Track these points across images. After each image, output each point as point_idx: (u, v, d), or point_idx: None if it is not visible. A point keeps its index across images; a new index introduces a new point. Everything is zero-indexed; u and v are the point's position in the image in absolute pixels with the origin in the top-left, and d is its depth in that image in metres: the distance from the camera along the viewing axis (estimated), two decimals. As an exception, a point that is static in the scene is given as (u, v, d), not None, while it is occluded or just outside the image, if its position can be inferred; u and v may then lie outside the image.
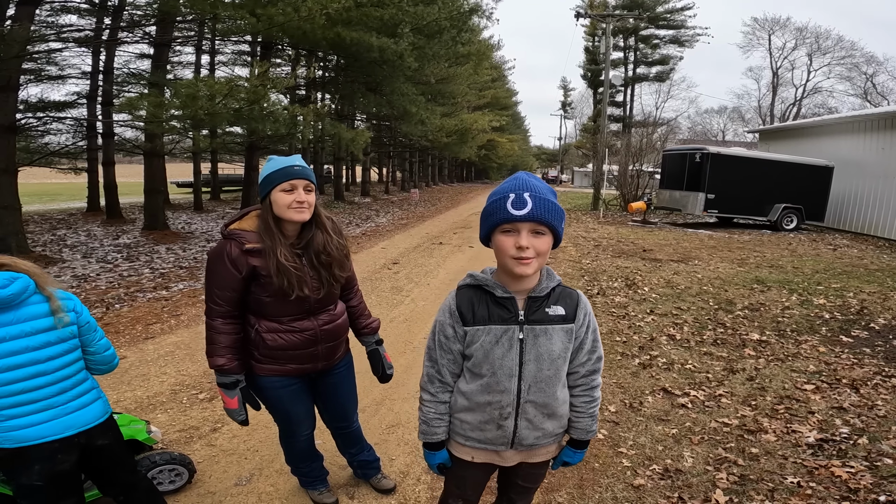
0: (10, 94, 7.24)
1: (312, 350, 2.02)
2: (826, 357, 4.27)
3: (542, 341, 1.40)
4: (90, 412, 1.73)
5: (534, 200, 1.30)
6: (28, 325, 1.60)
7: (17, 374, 1.56)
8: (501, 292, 1.40)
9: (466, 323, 1.42)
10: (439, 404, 1.51)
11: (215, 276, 1.87)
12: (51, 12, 11.19)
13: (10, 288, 1.56)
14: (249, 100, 7.91)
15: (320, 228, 1.98)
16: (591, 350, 1.48)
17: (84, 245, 9.03)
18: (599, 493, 2.48)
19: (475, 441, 1.50)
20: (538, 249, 1.32)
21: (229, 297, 1.88)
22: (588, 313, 1.47)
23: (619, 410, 3.32)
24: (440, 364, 1.48)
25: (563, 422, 1.51)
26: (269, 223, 1.87)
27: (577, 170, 50.21)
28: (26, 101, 10.85)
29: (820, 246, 11.24)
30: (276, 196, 1.84)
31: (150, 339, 4.54)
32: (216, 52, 17.07)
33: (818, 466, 2.66)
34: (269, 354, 1.96)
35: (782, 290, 6.64)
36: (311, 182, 1.89)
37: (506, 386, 1.41)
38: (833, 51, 41.25)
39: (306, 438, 2.20)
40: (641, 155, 18.62)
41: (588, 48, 39.98)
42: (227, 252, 1.85)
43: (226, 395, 1.92)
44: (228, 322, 1.91)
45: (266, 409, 2.08)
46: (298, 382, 2.08)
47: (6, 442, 1.57)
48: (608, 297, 6.22)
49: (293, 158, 1.90)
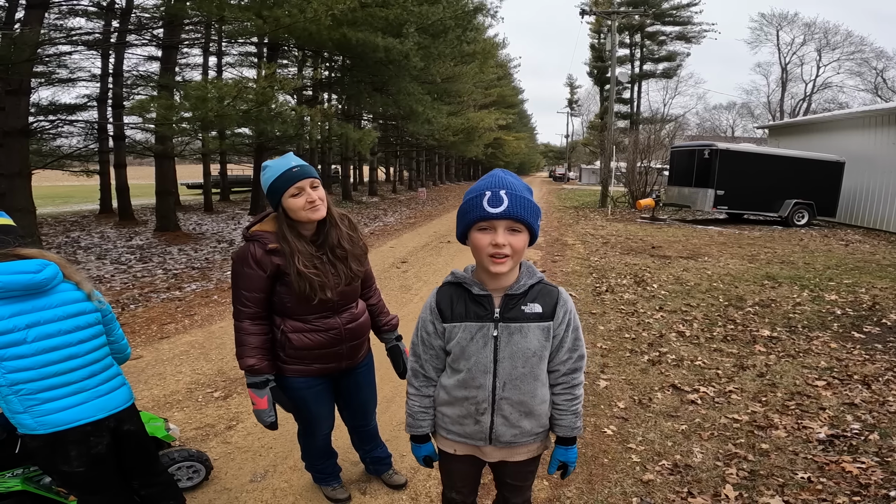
0: (22, 97, 7.32)
1: (337, 349, 2.05)
2: (837, 353, 4.25)
3: (517, 339, 1.40)
4: (119, 396, 1.80)
5: (510, 198, 1.30)
6: (60, 309, 1.67)
7: (51, 357, 1.63)
8: (478, 290, 1.42)
9: (445, 319, 1.45)
10: (423, 398, 1.55)
11: (242, 278, 1.90)
12: (59, 15, 11.30)
13: (44, 273, 1.63)
14: (258, 101, 7.99)
15: (333, 223, 2.01)
16: (572, 348, 1.47)
17: (98, 247, 9.16)
18: (609, 488, 2.50)
19: (455, 435, 1.53)
20: (514, 247, 1.33)
21: (257, 298, 1.91)
22: (568, 311, 1.45)
23: (628, 407, 3.33)
24: (423, 359, 1.53)
25: (542, 421, 1.50)
26: (285, 230, 1.89)
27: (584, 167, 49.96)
28: (38, 105, 10.99)
29: (832, 241, 11.14)
30: (288, 203, 1.86)
31: (166, 339, 4.62)
32: (223, 53, 17.18)
33: (829, 462, 2.66)
34: (295, 355, 1.99)
35: (793, 286, 6.60)
36: (314, 178, 1.90)
37: (481, 382, 1.43)
38: (842, 46, 40.87)
39: (325, 437, 2.25)
40: (649, 152, 18.52)
41: (594, 45, 39.76)
42: (252, 253, 1.88)
43: (256, 395, 1.94)
44: (257, 323, 1.94)
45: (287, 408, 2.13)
46: (322, 383, 2.12)
47: (41, 427, 1.61)
48: (617, 294, 6.22)
49: (287, 159, 1.89)
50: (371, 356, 2.31)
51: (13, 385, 1.57)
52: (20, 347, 1.57)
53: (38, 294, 1.63)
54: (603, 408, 3.32)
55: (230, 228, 12.19)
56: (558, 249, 9.67)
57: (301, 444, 2.32)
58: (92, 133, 12.45)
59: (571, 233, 12.19)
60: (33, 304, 1.62)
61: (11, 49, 6.43)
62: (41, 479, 1.91)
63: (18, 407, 1.59)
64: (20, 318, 1.59)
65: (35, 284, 1.61)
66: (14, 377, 1.57)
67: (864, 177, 13.49)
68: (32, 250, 1.67)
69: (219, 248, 9.53)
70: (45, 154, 11.44)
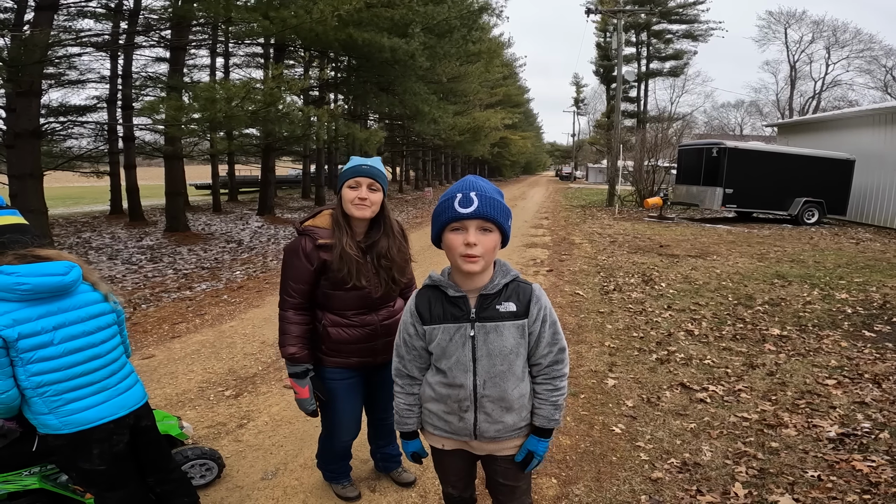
0: (33, 99, 7.37)
1: (372, 344, 2.11)
2: (848, 352, 4.23)
3: (493, 338, 1.44)
4: (136, 393, 1.84)
5: (480, 199, 1.35)
6: (83, 310, 1.71)
7: (77, 358, 1.66)
8: (453, 291, 1.46)
9: (425, 322, 1.49)
10: (408, 395, 1.59)
11: (291, 269, 2.00)
12: (68, 17, 11.39)
13: (71, 274, 1.66)
14: (265, 102, 8.03)
15: (387, 233, 2.07)
16: (551, 342, 1.49)
17: (109, 247, 9.25)
18: (617, 486, 2.50)
19: (442, 430, 1.57)
20: (485, 246, 1.37)
21: (302, 290, 2.01)
22: (542, 307, 1.47)
23: (636, 405, 3.33)
24: (406, 360, 1.57)
25: (523, 414, 1.53)
26: (339, 218, 2.00)
27: (591, 166, 49.79)
28: (49, 106, 11.09)
29: (842, 240, 11.04)
30: (344, 191, 1.97)
31: (177, 339, 4.66)
32: (230, 54, 17.29)
33: (839, 460, 2.65)
34: (334, 348, 2.07)
35: (804, 284, 6.56)
36: (376, 181, 1.97)
37: (462, 381, 1.47)
38: (851, 44, 40.52)
39: (344, 445, 2.29)
40: (657, 150, 18.43)
41: (600, 44, 39.61)
42: (302, 247, 1.99)
43: (297, 384, 2.03)
44: (300, 313, 2.04)
45: None
46: (356, 376, 2.17)
47: (66, 427, 1.64)
48: (624, 293, 6.20)
49: (371, 159, 2.01)
50: None
51: (39, 387, 1.59)
52: (48, 349, 1.59)
53: (62, 295, 1.66)
54: (611, 406, 3.33)
55: (239, 228, 12.27)
56: (565, 248, 9.66)
57: (320, 445, 2.36)
58: (102, 134, 12.54)
59: (578, 232, 12.16)
60: (59, 306, 1.64)
61: (22, 51, 6.49)
62: (58, 476, 1.94)
63: (43, 408, 1.61)
64: (48, 319, 1.61)
65: (64, 286, 1.64)
66: (40, 379, 1.59)
67: (875, 175, 13.37)
68: (50, 251, 1.70)
69: (228, 249, 9.60)
70: (57, 155, 11.53)
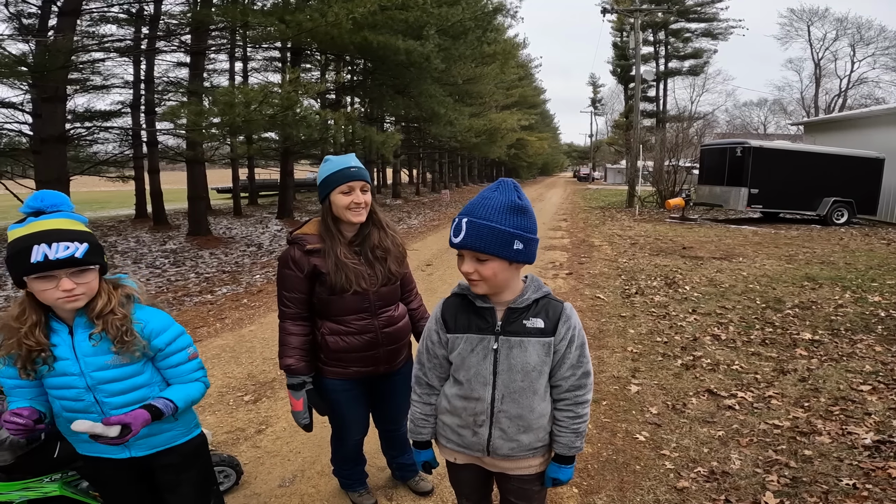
0: (58, 104, 7.52)
1: (374, 353, 2.06)
2: (882, 356, 4.06)
3: (517, 353, 1.39)
4: None
5: (468, 227, 1.29)
6: None
7: None
8: (481, 302, 1.41)
9: (449, 330, 1.45)
10: (425, 405, 1.55)
11: (283, 279, 1.98)
12: (91, 22, 11.64)
13: None
14: (283, 106, 8.11)
15: (376, 225, 2.05)
16: (576, 365, 1.42)
17: (134, 251, 9.43)
18: (641, 496, 2.42)
19: (455, 444, 1.52)
20: (482, 274, 1.31)
21: (297, 299, 1.98)
22: (572, 327, 1.41)
23: (661, 412, 3.24)
24: (426, 368, 1.53)
25: (540, 435, 1.46)
26: (329, 224, 1.96)
27: (609, 166, 49.24)
28: (74, 112, 11.33)
29: (873, 240, 10.69)
30: (335, 198, 1.92)
31: (198, 343, 4.69)
32: (248, 59, 17.51)
33: (875, 468, 2.54)
34: (334, 357, 2.03)
35: (835, 287, 6.34)
36: (367, 182, 1.95)
37: (480, 394, 1.42)
38: (877, 41, 39.48)
39: (355, 443, 2.25)
40: (678, 150, 18.11)
41: (616, 43, 39.16)
42: (291, 256, 1.96)
43: (293, 396, 2.00)
44: (298, 324, 2.00)
45: None
46: (358, 387, 2.13)
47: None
48: (647, 296, 6.07)
49: (348, 158, 1.96)
50: (412, 363, 2.28)
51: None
52: None
53: None
54: (635, 413, 3.24)
55: (258, 232, 12.40)
56: (585, 251, 9.53)
57: (332, 446, 2.33)
58: (126, 139, 12.79)
59: (598, 234, 12.00)
60: None
61: (46, 56, 6.62)
62: (79, 483, 1.93)
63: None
64: None
65: None
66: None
67: (907, 173, 12.95)
68: None
69: (248, 252, 9.70)
70: (83, 160, 11.76)
